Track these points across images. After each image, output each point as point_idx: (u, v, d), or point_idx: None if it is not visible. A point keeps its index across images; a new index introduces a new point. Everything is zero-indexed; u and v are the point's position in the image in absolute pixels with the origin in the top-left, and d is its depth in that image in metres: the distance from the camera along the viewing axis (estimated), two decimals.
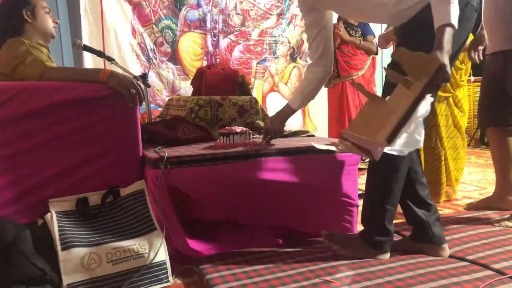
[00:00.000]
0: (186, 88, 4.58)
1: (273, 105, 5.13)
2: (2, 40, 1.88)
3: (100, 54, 2.45)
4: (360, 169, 3.92)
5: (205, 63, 4.71)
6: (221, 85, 2.73)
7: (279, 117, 2.13)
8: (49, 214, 1.63)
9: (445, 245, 1.80)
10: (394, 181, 1.72)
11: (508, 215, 2.18)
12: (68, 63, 4.16)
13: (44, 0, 2.02)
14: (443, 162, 2.71)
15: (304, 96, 2.07)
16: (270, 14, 5.18)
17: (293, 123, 5.18)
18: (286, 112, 2.12)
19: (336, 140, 2.32)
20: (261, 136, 2.45)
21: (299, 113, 5.25)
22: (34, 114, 1.63)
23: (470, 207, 2.52)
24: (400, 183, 1.73)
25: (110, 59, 2.51)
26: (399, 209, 1.84)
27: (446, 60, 1.35)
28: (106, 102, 1.74)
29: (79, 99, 1.67)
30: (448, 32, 1.40)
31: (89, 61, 4.10)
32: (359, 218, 2.49)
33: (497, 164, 2.44)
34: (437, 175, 2.71)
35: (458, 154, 2.78)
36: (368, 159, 2.60)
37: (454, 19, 1.41)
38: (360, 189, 2.82)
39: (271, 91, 5.16)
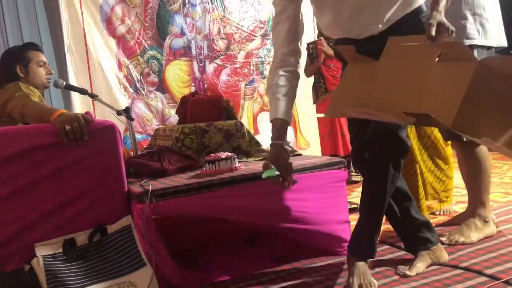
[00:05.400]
0: (176, 116, 4.57)
1: (264, 125, 5.14)
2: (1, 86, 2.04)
3: (82, 91, 2.47)
4: (355, 182, 3.93)
5: (193, 89, 4.73)
6: (206, 112, 2.73)
7: (276, 149, 1.64)
8: (35, 259, 1.61)
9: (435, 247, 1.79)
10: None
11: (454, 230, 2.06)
12: (57, 101, 4.17)
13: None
14: (419, 176, 2.48)
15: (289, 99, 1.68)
16: (255, 36, 5.22)
17: None
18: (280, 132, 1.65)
19: (325, 157, 2.32)
20: (248, 160, 2.46)
21: (290, 129, 5.27)
22: (9, 159, 1.62)
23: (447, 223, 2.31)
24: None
25: (93, 96, 2.53)
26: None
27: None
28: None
29: (50, 143, 1.67)
30: None
31: (77, 98, 4.12)
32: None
33: (465, 178, 2.19)
34: (414, 190, 2.41)
35: (437, 165, 2.56)
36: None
37: None
38: (354, 203, 2.82)
39: (262, 111, 5.17)
